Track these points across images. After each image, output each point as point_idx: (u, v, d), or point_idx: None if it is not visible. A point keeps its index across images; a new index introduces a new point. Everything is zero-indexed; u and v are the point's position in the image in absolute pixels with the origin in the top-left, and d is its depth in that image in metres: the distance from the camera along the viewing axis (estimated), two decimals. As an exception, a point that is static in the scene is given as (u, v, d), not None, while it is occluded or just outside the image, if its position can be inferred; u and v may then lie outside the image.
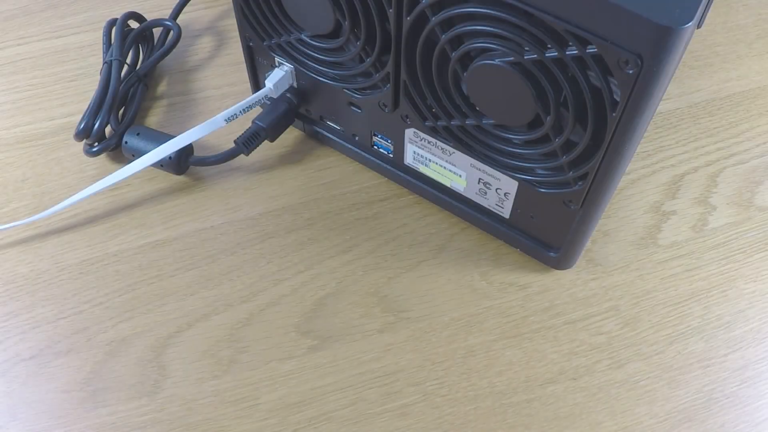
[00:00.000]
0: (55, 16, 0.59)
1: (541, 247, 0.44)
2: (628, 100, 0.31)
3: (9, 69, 0.56)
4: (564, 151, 0.36)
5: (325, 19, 0.39)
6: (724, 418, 0.40)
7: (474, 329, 0.43)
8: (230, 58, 0.57)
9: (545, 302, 0.44)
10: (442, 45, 0.35)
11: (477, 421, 0.40)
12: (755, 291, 0.45)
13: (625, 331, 0.43)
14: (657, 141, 0.52)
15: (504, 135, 0.38)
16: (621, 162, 0.35)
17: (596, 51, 0.30)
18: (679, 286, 0.45)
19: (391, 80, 0.40)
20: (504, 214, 0.44)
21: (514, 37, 0.32)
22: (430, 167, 0.45)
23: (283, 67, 0.46)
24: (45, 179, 0.49)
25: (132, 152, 0.49)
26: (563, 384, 0.41)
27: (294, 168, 0.50)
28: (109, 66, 0.51)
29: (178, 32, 0.55)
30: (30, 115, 0.53)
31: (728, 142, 0.52)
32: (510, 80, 0.34)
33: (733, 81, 0.55)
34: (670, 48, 0.28)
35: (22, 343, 0.42)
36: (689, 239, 0.47)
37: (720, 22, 0.59)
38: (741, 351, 0.43)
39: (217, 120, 0.46)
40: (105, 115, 0.49)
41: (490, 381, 0.41)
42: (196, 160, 0.49)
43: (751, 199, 0.49)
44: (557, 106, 0.34)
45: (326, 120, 0.49)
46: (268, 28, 0.43)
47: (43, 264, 0.46)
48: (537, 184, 0.40)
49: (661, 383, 0.41)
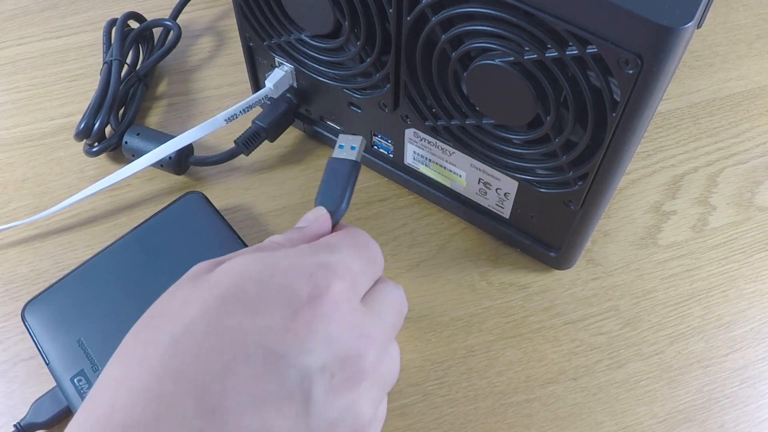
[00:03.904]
0: (55, 16, 0.59)
1: (541, 247, 0.44)
2: (628, 100, 0.31)
3: (9, 69, 0.56)
4: (564, 151, 0.36)
5: (325, 19, 0.39)
6: (724, 418, 0.40)
7: (474, 329, 0.43)
8: (230, 58, 0.57)
9: (545, 302, 0.44)
10: (442, 45, 0.35)
11: (477, 421, 0.40)
12: (755, 291, 0.45)
13: (625, 331, 0.43)
14: (657, 141, 0.52)
15: (504, 135, 0.38)
16: (621, 162, 0.35)
17: (596, 51, 0.30)
18: (679, 286, 0.45)
19: (391, 80, 0.40)
20: (504, 214, 0.44)
21: (514, 37, 0.32)
22: (430, 167, 0.45)
23: (283, 67, 0.46)
24: (45, 179, 0.50)
25: (132, 152, 0.49)
26: (563, 384, 0.41)
27: (294, 168, 0.50)
28: (109, 66, 0.51)
29: (178, 32, 0.55)
30: (30, 115, 0.53)
31: (728, 142, 0.52)
32: (510, 80, 0.34)
33: (733, 81, 0.55)
34: (670, 48, 0.28)
35: (22, 343, 0.42)
36: (689, 239, 0.47)
37: (720, 22, 0.59)
38: (741, 351, 0.43)
39: (217, 120, 0.46)
40: (105, 115, 0.49)
41: (490, 381, 0.41)
42: (196, 160, 0.49)
43: (751, 199, 0.49)
44: (557, 106, 0.34)
45: (326, 120, 0.49)
46: (268, 28, 0.43)
47: (43, 264, 0.46)
48: (537, 184, 0.40)
49: (661, 383, 0.41)
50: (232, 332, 0.25)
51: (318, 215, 0.34)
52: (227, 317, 0.26)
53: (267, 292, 0.26)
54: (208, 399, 0.24)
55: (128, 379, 0.25)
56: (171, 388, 0.24)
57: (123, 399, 0.25)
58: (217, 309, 0.26)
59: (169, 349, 0.25)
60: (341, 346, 0.26)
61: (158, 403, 0.24)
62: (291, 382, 0.25)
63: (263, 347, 0.25)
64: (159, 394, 0.24)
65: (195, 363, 0.25)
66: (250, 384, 0.25)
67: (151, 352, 0.26)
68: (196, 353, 0.25)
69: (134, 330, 0.28)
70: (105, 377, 0.27)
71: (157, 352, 0.25)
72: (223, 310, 0.26)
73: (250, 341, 0.25)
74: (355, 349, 0.27)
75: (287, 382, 0.25)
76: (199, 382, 0.24)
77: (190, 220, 0.44)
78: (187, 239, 0.44)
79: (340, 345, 0.26)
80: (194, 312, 0.26)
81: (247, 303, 0.26)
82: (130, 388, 0.25)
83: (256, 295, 0.26)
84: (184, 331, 0.26)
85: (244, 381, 0.25)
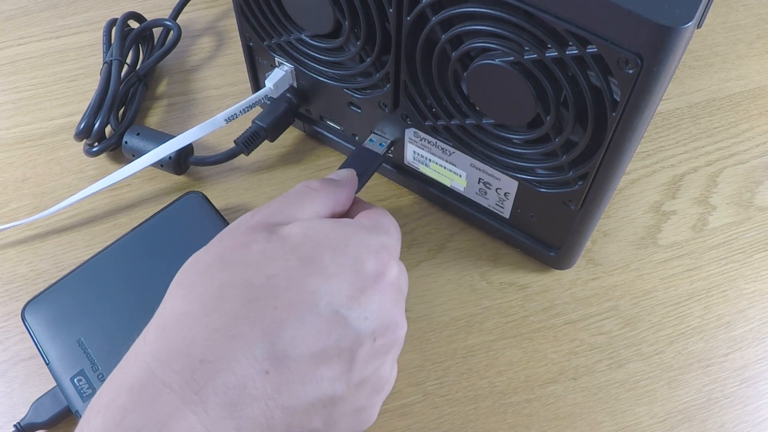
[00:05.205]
0: (55, 16, 0.59)
1: (541, 246, 0.44)
2: (628, 100, 0.31)
3: (9, 69, 0.56)
4: (564, 150, 0.36)
5: (325, 18, 0.39)
6: (724, 418, 0.40)
7: (474, 329, 0.43)
8: (230, 58, 0.57)
9: (545, 302, 0.44)
10: (442, 45, 0.35)
11: (477, 421, 0.40)
12: (755, 291, 0.45)
13: (625, 331, 0.43)
14: (657, 141, 0.52)
15: (504, 135, 0.38)
16: (621, 162, 0.35)
17: (596, 51, 0.30)
18: (679, 286, 0.45)
19: (391, 80, 0.40)
20: (504, 214, 0.44)
21: (514, 36, 0.32)
22: (430, 167, 0.45)
23: (283, 67, 0.46)
24: (45, 179, 0.50)
25: (132, 152, 0.49)
26: (563, 384, 0.41)
27: (294, 168, 0.50)
28: (109, 66, 0.51)
29: (178, 32, 0.55)
30: (30, 115, 0.53)
31: (728, 142, 0.52)
32: (510, 80, 0.34)
33: (733, 81, 0.55)
34: (670, 48, 0.28)
35: (22, 343, 0.42)
36: (689, 239, 0.47)
37: (720, 22, 0.59)
38: (741, 351, 0.43)
39: (217, 120, 0.46)
40: (105, 115, 0.49)
41: (490, 381, 0.41)
42: (196, 160, 0.49)
43: (751, 199, 0.49)
44: (557, 106, 0.34)
45: (326, 120, 0.49)
46: (268, 28, 0.43)
47: (43, 264, 0.46)
48: (537, 184, 0.40)
49: (661, 383, 0.41)
50: (308, 291, 0.29)
51: (350, 174, 0.38)
52: (306, 278, 0.29)
53: (341, 261, 0.30)
54: (279, 345, 0.28)
55: (205, 316, 0.28)
56: (247, 330, 0.27)
57: (202, 334, 0.27)
58: (298, 269, 0.29)
59: (247, 295, 0.28)
60: (387, 317, 0.31)
61: (233, 342, 0.27)
62: (346, 341, 0.29)
63: (331, 308, 0.29)
64: (235, 334, 0.27)
65: (273, 313, 0.28)
66: (314, 337, 0.28)
67: (227, 294, 0.29)
68: (274, 305, 0.28)
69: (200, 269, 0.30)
70: (176, 311, 0.29)
71: (235, 295, 0.28)
72: (303, 271, 0.29)
73: (322, 301, 0.29)
74: (395, 321, 0.32)
75: (343, 341, 0.29)
76: (274, 329, 0.28)
77: (190, 220, 0.44)
78: (187, 239, 0.44)
79: (387, 316, 0.31)
80: (275, 267, 0.29)
81: (323, 267, 0.30)
82: (207, 325, 0.28)
83: (332, 262, 0.30)
84: (264, 282, 0.29)
85: (310, 334, 0.28)
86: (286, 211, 0.33)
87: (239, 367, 0.27)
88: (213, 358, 0.27)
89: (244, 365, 0.27)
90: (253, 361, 0.27)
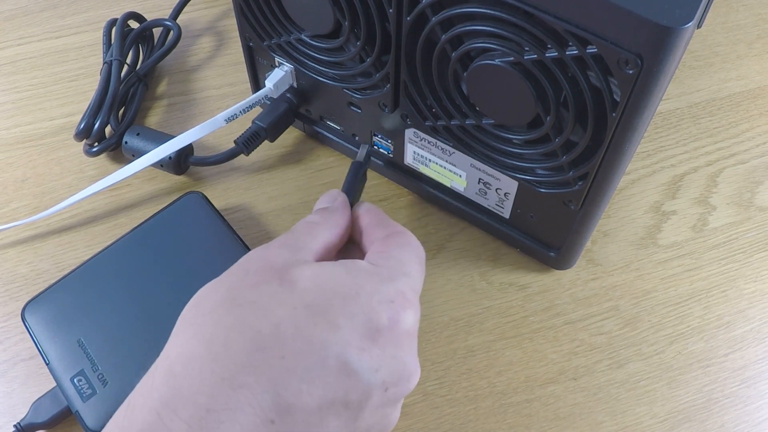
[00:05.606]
0: (55, 16, 0.59)
1: (541, 247, 0.44)
2: (628, 100, 0.31)
3: (9, 69, 0.56)
4: (564, 151, 0.36)
5: (325, 19, 0.39)
6: (724, 418, 0.40)
7: (474, 329, 0.43)
8: (230, 58, 0.57)
9: (545, 302, 0.44)
10: (442, 45, 0.35)
11: (477, 421, 0.40)
12: (755, 291, 0.45)
13: (625, 331, 0.43)
14: (657, 141, 0.52)
15: (504, 135, 0.38)
16: (621, 162, 0.35)
17: (596, 51, 0.30)
18: (679, 286, 0.45)
19: (391, 80, 0.40)
20: (504, 214, 0.44)
21: (514, 37, 0.32)
22: (430, 167, 0.45)
23: (283, 67, 0.46)
24: (45, 179, 0.50)
25: (132, 152, 0.49)
26: (563, 384, 0.41)
27: (294, 168, 0.50)
28: (109, 66, 0.51)
29: (178, 32, 0.55)
30: (30, 115, 0.53)
31: (728, 142, 0.52)
32: (510, 80, 0.34)
33: (733, 81, 0.55)
34: (670, 48, 0.28)
35: (22, 343, 0.42)
36: (689, 239, 0.47)
37: (720, 22, 0.59)
38: (741, 351, 0.43)
39: (217, 120, 0.46)
40: (105, 115, 0.49)
41: (490, 381, 0.41)
42: (196, 160, 0.49)
43: (751, 199, 0.49)
44: (557, 106, 0.34)
45: (326, 120, 0.49)
46: (268, 28, 0.43)
47: (43, 264, 0.46)
48: (537, 184, 0.40)
49: (661, 383, 0.41)
50: (316, 341, 0.28)
51: (337, 195, 0.37)
52: (314, 327, 0.28)
53: (351, 310, 0.29)
54: (285, 396, 0.27)
55: (212, 362, 0.28)
56: (252, 380, 0.27)
57: (208, 382, 0.27)
58: (306, 318, 0.29)
59: (254, 343, 0.28)
60: (400, 367, 0.30)
61: (239, 392, 0.27)
62: (355, 393, 0.28)
63: (340, 359, 0.28)
64: (241, 383, 0.27)
65: (280, 363, 0.27)
66: (322, 389, 0.28)
67: (235, 340, 0.28)
68: (281, 355, 0.28)
69: (208, 308, 0.30)
70: (185, 354, 0.28)
71: (242, 342, 0.28)
72: (311, 320, 0.28)
73: (330, 352, 0.28)
74: (409, 370, 0.30)
75: (351, 393, 0.28)
76: (280, 380, 0.27)
77: (190, 220, 0.44)
78: (187, 239, 0.44)
79: (399, 366, 0.30)
80: (283, 315, 0.29)
81: (332, 316, 0.29)
82: (213, 372, 0.27)
83: (342, 311, 0.29)
84: (272, 331, 0.28)
85: (317, 386, 0.28)
86: (299, 245, 0.33)
87: (244, 417, 0.27)
88: (219, 407, 0.27)
89: (249, 415, 0.27)
90: (258, 410, 0.27)
